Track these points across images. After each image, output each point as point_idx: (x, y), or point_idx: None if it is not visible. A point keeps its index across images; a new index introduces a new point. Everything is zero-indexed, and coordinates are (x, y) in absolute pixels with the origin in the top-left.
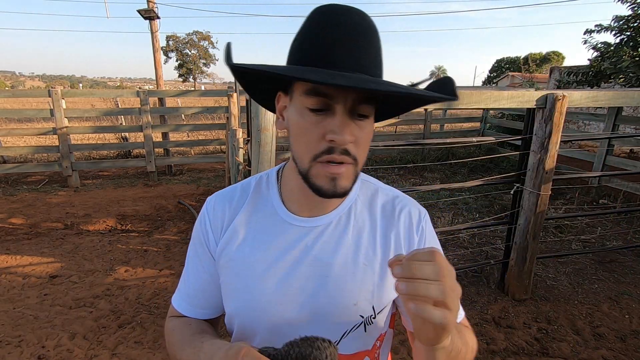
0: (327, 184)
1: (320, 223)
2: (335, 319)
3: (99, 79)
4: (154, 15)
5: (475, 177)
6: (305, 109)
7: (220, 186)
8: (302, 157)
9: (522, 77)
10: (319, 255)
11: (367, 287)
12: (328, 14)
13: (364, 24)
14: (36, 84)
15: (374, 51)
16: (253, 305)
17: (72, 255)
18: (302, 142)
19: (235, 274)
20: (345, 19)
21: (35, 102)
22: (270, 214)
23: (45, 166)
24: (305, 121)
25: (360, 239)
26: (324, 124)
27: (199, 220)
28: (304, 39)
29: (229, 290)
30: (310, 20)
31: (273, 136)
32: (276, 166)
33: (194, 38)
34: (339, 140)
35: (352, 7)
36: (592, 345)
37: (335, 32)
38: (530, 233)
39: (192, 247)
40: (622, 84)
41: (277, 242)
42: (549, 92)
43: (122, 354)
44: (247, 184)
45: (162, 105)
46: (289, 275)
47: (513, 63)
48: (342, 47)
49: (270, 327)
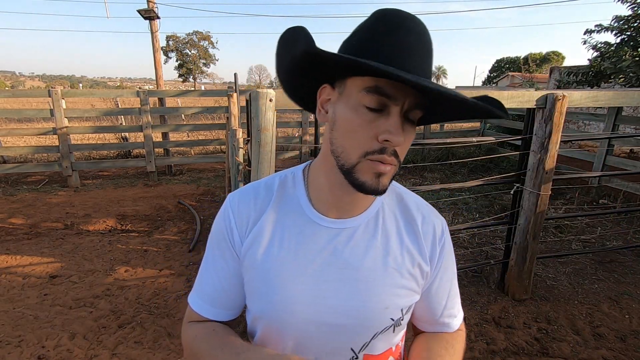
0: (371, 180)
1: (350, 225)
2: (366, 322)
3: (99, 79)
4: (154, 15)
5: (475, 177)
6: (361, 106)
7: (221, 186)
8: (350, 152)
9: (522, 77)
10: (350, 258)
11: (397, 291)
12: (398, 17)
13: (427, 33)
14: (36, 84)
15: (430, 60)
16: (282, 307)
17: (72, 255)
18: (353, 138)
19: (262, 275)
20: (414, 26)
21: (35, 102)
22: (297, 213)
23: (45, 166)
24: (359, 118)
25: (389, 243)
26: (377, 124)
27: (221, 217)
28: (374, 36)
29: (256, 291)
30: (379, 20)
31: (273, 136)
32: (301, 165)
33: (194, 38)
34: (395, 141)
35: (415, 15)
36: (592, 345)
37: (406, 37)
38: (530, 233)
39: (214, 245)
40: (622, 84)
41: (307, 244)
42: (549, 92)
43: (122, 354)
44: (271, 182)
45: (162, 105)
46: (320, 277)
47: (513, 63)
48: (411, 51)
49: (299, 330)
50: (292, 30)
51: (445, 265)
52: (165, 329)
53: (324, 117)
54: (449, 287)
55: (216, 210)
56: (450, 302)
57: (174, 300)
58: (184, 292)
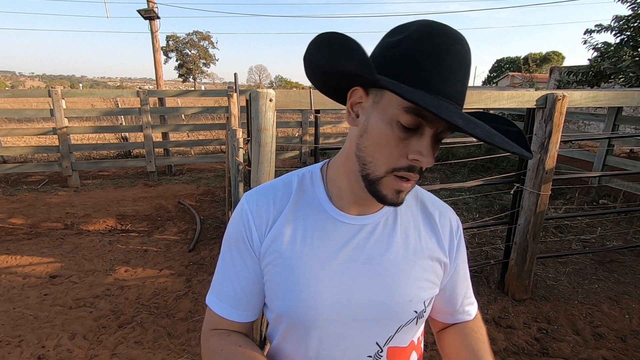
0: (392, 195)
1: (370, 222)
2: (391, 315)
3: (99, 79)
4: (154, 15)
5: (475, 177)
6: (397, 122)
7: (221, 186)
8: (378, 165)
9: (522, 77)
10: (372, 253)
11: (419, 284)
12: (446, 38)
13: (469, 55)
14: (36, 84)
15: (467, 84)
16: (308, 304)
17: (72, 255)
18: (383, 152)
19: (286, 272)
20: (460, 49)
21: (35, 102)
22: (318, 211)
23: (45, 166)
24: (393, 134)
25: (408, 237)
26: (409, 142)
27: (238, 217)
28: (419, 56)
29: (280, 289)
30: (426, 38)
31: (273, 136)
32: (318, 163)
33: (194, 38)
34: (425, 163)
35: (462, 35)
36: (592, 345)
37: (452, 62)
38: (530, 233)
39: (232, 245)
40: (622, 84)
41: (329, 240)
42: (549, 92)
43: (122, 354)
44: (289, 180)
45: (162, 105)
46: (344, 273)
47: (513, 63)
48: (454, 78)
49: (325, 327)
50: (345, 40)
51: (462, 257)
52: (165, 329)
53: (353, 121)
54: (466, 277)
55: (216, 210)
56: (468, 291)
57: (174, 300)
58: (184, 292)
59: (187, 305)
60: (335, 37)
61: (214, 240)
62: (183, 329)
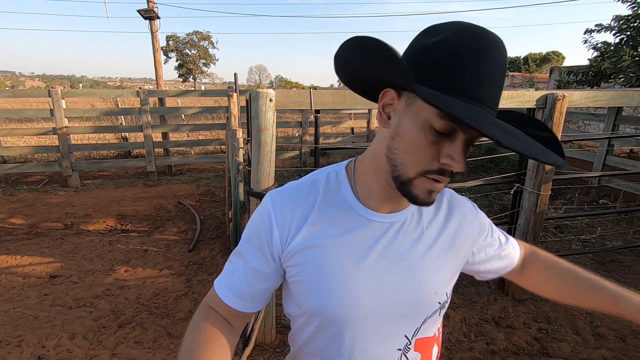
0: (424, 195)
1: (398, 219)
2: (419, 308)
3: (99, 79)
4: (154, 15)
5: (475, 177)
6: (430, 126)
7: (221, 186)
8: (410, 168)
9: (522, 77)
10: (401, 249)
11: (443, 275)
12: (484, 44)
13: (505, 60)
14: (36, 84)
15: (504, 84)
16: (343, 302)
17: (72, 255)
18: (415, 154)
19: (319, 272)
20: (497, 55)
21: (35, 102)
22: (346, 211)
23: (45, 166)
24: (425, 138)
25: (432, 231)
26: (441, 146)
27: (260, 217)
28: (457, 61)
29: (313, 289)
30: (464, 43)
31: (273, 136)
32: (342, 162)
33: (194, 38)
34: (457, 167)
35: (499, 37)
36: (592, 345)
37: (489, 68)
38: (530, 233)
39: (251, 243)
40: (622, 83)
41: (359, 238)
42: (549, 92)
43: (122, 354)
44: (314, 180)
45: (162, 105)
46: (376, 270)
47: (513, 63)
48: (491, 84)
49: (358, 323)
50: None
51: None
52: (165, 329)
53: (385, 123)
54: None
55: (216, 210)
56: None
57: (174, 300)
58: (184, 292)
59: (187, 305)
60: (374, 44)
61: (214, 240)
62: (183, 329)
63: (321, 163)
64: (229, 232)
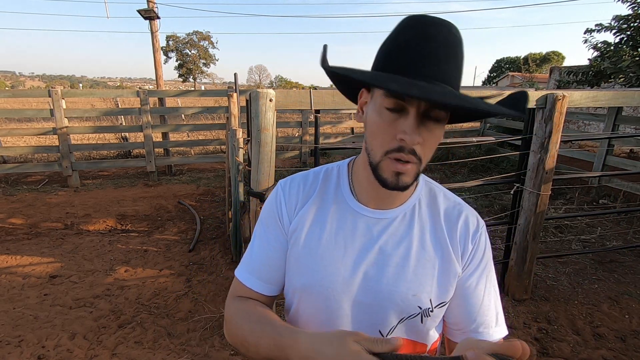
0: (392, 178)
1: (387, 216)
2: (393, 305)
3: (99, 79)
4: (154, 15)
5: (475, 177)
6: (383, 108)
7: (221, 186)
8: (375, 151)
9: (522, 77)
10: (384, 246)
11: (427, 281)
12: (419, 26)
13: (450, 37)
14: (36, 84)
15: (457, 63)
16: (323, 283)
17: (72, 255)
18: (377, 137)
19: (307, 252)
20: (435, 32)
21: (35, 102)
22: (340, 202)
23: (45, 166)
24: (382, 119)
25: (423, 236)
26: (397, 124)
27: (272, 198)
28: (393, 47)
29: (301, 266)
30: (401, 30)
31: (273, 136)
32: (348, 159)
33: (194, 38)
34: (409, 140)
35: (442, 19)
36: (592, 345)
37: (425, 46)
38: (530, 233)
39: (263, 223)
40: (622, 83)
41: (347, 229)
42: (549, 92)
43: (122, 354)
44: (318, 172)
45: (162, 105)
46: (357, 260)
47: (513, 63)
48: (431, 59)
49: (334, 305)
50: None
51: (482, 266)
52: (165, 329)
53: (360, 118)
54: (482, 290)
55: (216, 210)
56: (484, 309)
57: (174, 300)
58: (184, 292)
59: (187, 305)
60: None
61: (214, 240)
62: (183, 329)
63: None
64: (229, 232)
